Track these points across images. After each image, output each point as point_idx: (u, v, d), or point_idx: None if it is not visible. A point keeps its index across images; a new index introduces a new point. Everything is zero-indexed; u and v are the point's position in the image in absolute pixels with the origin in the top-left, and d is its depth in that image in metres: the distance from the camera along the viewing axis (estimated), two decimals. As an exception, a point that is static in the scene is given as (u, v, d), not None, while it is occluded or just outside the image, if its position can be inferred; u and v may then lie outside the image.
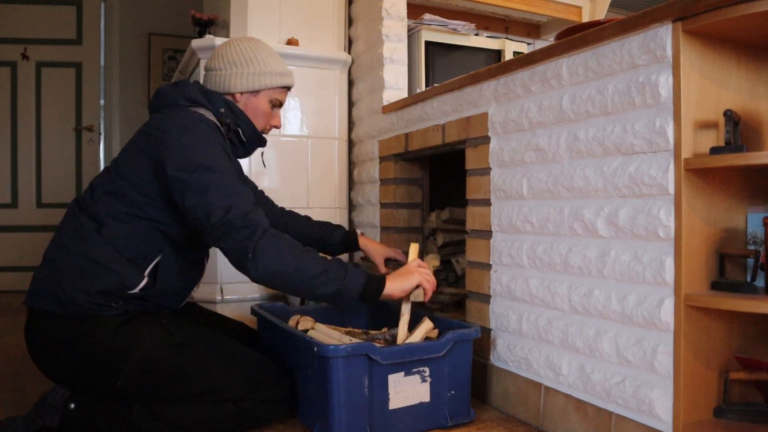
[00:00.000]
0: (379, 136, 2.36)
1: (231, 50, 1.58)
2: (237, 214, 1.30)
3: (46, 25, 3.82)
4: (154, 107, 1.55)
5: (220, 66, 1.58)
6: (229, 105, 1.55)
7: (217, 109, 1.53)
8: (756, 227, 1.20)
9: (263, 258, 1.28)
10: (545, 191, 1.47)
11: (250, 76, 1.56)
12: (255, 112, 1.59)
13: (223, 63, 1.58)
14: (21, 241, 3.78)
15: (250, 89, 1.57)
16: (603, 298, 1.30)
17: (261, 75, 1.57)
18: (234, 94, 1.57)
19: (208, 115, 1.50)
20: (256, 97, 1.59)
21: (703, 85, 1.16)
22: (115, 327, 1.37)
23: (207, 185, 1.33)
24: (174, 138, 1.39)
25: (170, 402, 1.36)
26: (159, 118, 1.46)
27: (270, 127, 1.65)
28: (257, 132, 1.61)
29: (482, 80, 1.69)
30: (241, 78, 1.56)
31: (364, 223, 2.51)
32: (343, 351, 1.32)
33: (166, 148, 1.38)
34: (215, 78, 1.58)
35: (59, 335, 1.37)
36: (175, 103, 1.50)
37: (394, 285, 1.41)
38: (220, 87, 1.57)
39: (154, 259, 1.43)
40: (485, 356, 1.68)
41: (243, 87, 1.57)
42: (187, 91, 1.52)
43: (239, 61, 1.57)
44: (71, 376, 1.39)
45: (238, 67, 1.56)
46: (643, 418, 1.21)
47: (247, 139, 1.60)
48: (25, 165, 3.84)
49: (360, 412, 1.35)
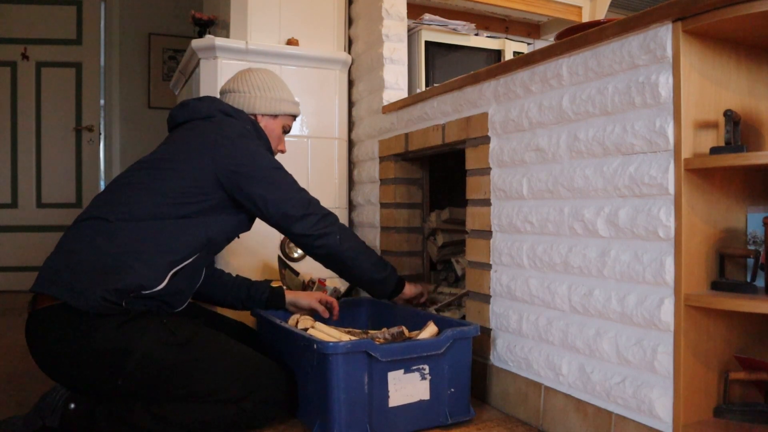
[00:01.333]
0: (379, 136, 2.36)
1: (253, 76, 1.74)
2: (317, 206, 1.60)
3: (46, 25, 3.82)
4: (182, 118, 1.64)
5: (243, 89, 1.73)
6: (253, 123, 1.70)
7: (244, 126, 1.64)
8: (756, 227, 1.20)
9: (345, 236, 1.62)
10: (545, 191, 1.47)
11: (273, 100, 1.73)
12: (271, 135, 1.74)
13: (247, 86, 1.73)
14: (21, 241, 3.78)
15: (271, 112, 1.73)
16: (603, 298, 1.31)
17: (281, 101, 1.74)
18: (257, 115, 1.72)
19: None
20: (275, 120, 1.75)
21: (703, 85, 1.16)
22: (117, 325, 1.37)
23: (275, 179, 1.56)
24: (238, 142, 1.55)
25: (170, 402, 1.36)
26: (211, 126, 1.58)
27: (277, 151, 1.79)
28: (272, 153, 1.74)
29: (482, 80, 1.69)
30: (265, 101, 1.72)
31: (364, 223, 2.51)
32: (343, 348, 1.32)
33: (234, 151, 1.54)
34: (239, 99, 1.72)
35: (61, 332, 1.37)
36: (210, 115, 1.62)
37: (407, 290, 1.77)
38: (244, 107, 1.71)
39: (186, 261, 1.47)
40: (485, 356, 1.68)
41: (266, 110, 1.72)
42: (219, 104, 1.66)
43: (263, 86, 1.73)
44: (71, 373, 1.39)
45: (262, 91, 1.72)
46: (643, 418, 1.21)
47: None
48: (25, 165, 3.84)
49: (360, 410, 1.35)
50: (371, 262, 1.66)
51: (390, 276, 1.71)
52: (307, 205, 1.58)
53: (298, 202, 1.57)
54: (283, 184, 1.58)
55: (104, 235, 1.42)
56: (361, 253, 1.65)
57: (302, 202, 1.57)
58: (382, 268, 1.69)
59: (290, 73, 2.43)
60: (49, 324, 1.38)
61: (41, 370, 1.44)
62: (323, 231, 1.57)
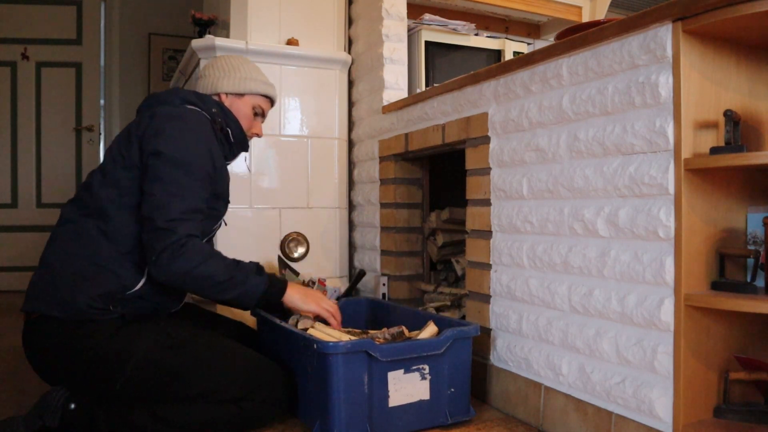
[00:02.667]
0: (379, 136, 2.36)
1: (220, 60, 1.69)
2: (163, 214, 1.36)
3: (46, 25, 3.82)
4: (145, 107, 1.58)
5: (209, 72, 1.68)
6: (220, 105, 1.62)
7: (209, 109, 1.58)
8: (756, 227, 1.20)
9: (163, 266, 1.34)
10: (545, 191, 1.47)
11: (236, 79, 1.65)
12: (238, 114, 1.65)
13: (212, 70, 1.68)
14: (21, 241, 3.78)
15: (235, 91, 1.65)
16: (603, 298, 1.31)
17: (246, 80, 1.66)
18: (220, 94, 1.65)
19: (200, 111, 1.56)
20: (241, 99, 1.66)
21: (703, 85, 1.16)
22: (112, 331, 1.37)
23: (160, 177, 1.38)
24: (162, 125, 1.43)
25: (170, 403, 1.35)
26: (152, 111, 1.50)
27: (251, 134, 1.71)
28: (244, 134, 1.66)
29: (482, 80, 1.69)
30: (228, 80, 1.65)
31: (364, 223, 2.51)
32: (343, 348, 1.32)
33: (155, 134, 1.42)
34: (204, 82, 1.67)
35: (56, 340, 1.37)
36: (170, 102, 1.55)
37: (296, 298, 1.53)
38: (208, 89, 1.65)
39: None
40: (485, 356, 1.68)
41: (229, 88, 1.64)
42: (182, 92, 1.59)
43: (228, 67, 1.67)
44: (69, 380, 1.39)
45: (226, 72, 1.66)
46: (643, 418, 1.21)
47: (235, 140, 1.64)
48: (25, 165, 3.84)
49: (360, 410, 1.35)
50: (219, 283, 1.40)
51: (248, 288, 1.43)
52: (156, 208, 1.36)
53: (154, 200, 1.37)
54: (172, 184, 1.38)
55: (74, 240, 1.42)
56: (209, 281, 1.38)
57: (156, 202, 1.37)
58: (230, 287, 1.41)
59: (290, 73, 2.43)
60: (45, 332, 1.38)
61: (40, 377, 1.44)
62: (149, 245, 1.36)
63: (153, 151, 1.40)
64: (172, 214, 1.36)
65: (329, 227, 2.51)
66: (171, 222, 1.35)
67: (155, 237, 1.35)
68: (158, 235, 1.34)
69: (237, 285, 1.42)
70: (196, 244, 1.38)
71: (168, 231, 1.34)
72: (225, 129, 1.61)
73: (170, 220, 1.35)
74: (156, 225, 1.34)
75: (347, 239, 2.61)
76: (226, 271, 1.40)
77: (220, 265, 1.40)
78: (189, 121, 1.48)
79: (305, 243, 2.40)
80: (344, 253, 2.58)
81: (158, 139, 1.41)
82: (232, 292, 1.42)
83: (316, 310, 1.55)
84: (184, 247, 1.35)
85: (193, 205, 1.40)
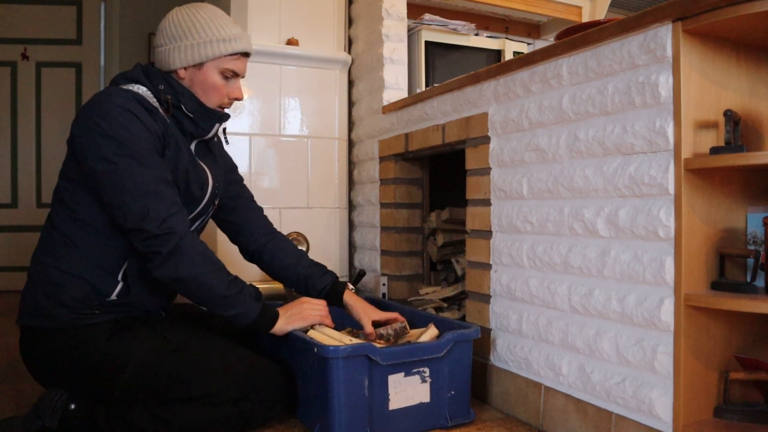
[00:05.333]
0: (379, 136, 2.36)
1: (169, 23, 1.43)
2: (153, 220, 1.29)
3: (46, 25, 3.82)
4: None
5: (160, 42, 1.44)
6: (168, 80, 1.42)
7: (156, 86, 1.41)
8: (756, 227, 1.20)
9: (171, 266, 1.30)
10: (545, 191, 1.47)
11: (188, 48, 1.40)
12: (204, 87, 1.44)
13: (163, 38, 1.43)
14: (21, 241, 3.78)
15: (191, 63, 1.41)
16: (603, 298, 1.30)
17: (201, 45, 1.40)
18: (177, 71, 1.43)
19: (141, 91, 1.39)
20: (201, 70, 1.42)
21: (703, 85, 1.15)
22: (108, 336, 1.37)
23: (122, 182, 1.29)
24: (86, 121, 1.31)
25: (170, 404, 1.35)
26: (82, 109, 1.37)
27: (229, 100, 1.49)
28: (204, 106, 1.45)
29: (482, 80, 1.69)
30: (179, 52, 1.40)
31: (364, 223, 2.51)
32: (343, 351, 1.32)
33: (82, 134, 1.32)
34: (158, 56, 1.44)
35: (52, 349, 1.37)
36: (115, 83, 1.42)
37: (284, 326, 1.46)
38: (163, 66, 1.43)
39: (124, 262, 1.41)
40: (485, 356, 1.68)
41: (183, 62, 1.41)
42: (130, 71, 1.44)
43: (177, 34, 1.41)
44: (69, 387, 1.39)
45: (176, 41, 1.41)
46: (643, 418, 1.21)
47: (194, 114, 1.44)
48: (25, 165, 3.84)
49: (360, 413, 1.35)
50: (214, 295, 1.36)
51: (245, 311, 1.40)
52: (142, 217, 1.29)
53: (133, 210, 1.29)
54: (139, 185, 1.29)
55: (43, 249, 1.41)
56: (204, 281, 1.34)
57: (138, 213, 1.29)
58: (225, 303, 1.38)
59: (290, 73, 2.43)
60: (41, 342, 1.38)
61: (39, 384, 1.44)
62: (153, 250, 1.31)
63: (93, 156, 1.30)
64: (161, 216, 1.30)
65: (329, 227, 2.51)
66: (164, 224, 1.30)
67: (158, 243, 1.30)
68: (160, 241, 1.29)
69: (236, 306, 1.38)
70: (198, 244, 1.35)
71: (168, 234, 1.30)
72: (176, 104, 1.42)
73: (162, 222, 1.29)
74: (153, 233, 1.29)
75: (347, 239, 2.61)
76: (224, 285, 1.36)
77: (224, 280, 1.36)
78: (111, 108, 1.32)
79: (305, 243, 2.40)
80: (344, 253, 2.58)
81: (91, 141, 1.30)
82: (231, 310, 1.38)
83: (303, 326, 1.49)
84: (191, 247, 1.32)
85: (167, 198, 1.32)
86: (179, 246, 1.30)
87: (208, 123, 1.48)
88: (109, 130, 1.29)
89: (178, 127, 1.45)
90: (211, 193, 1.53)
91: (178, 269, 1.31)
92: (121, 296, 1.40)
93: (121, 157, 1.29)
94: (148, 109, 1.36)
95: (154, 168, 1.33)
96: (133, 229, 1.30)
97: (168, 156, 1.40)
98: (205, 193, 1.51)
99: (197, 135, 1.49)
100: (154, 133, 1.35)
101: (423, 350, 1.42)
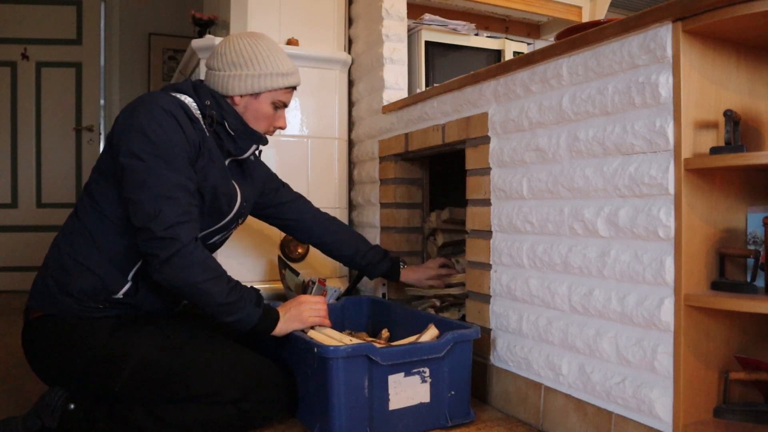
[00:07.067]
0: (379, 136, 2.36)
1: (230, 49, 1.50)
2: (161, 222, 1.29)
3: (46, 25, 3.82)
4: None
5: (219, 66, 1.50)
6: (216, 98, 1.48)
7: (202, 101, 1.47)
8: (756, 227, 1.20)
9: (169, 272, 1.30)
10: (545, 191, 1.47)
11: (249, 78, 1.48)
12: (256, 115, 1.52)
13: (222, 63, 1.49)
14: (21, 241, 3.78)
15: (249, 92, 1.49)
16: (603, 298, 1.30)
17: (261, 77, 1.48)
18: (233, 97, 1.50)
19: (187, 101, 1.45)
20: (257, 99, 1.51)
21: (703, 85, 1.15)
22: (110, 332, 1.37)
23: (144, 180, 1.31)
24: (129, 117, 1.35)
25: (170, 404, 1.35)
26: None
27: (274, 129, 1.58)
28: (247, 126, 1.52)
29: (482, 80, 1.69)
30: (239, 80, 1.48)
31: (364, 223, 2.51)
32: (343, 352, 1.32)
33: (122, 128, 1.35)
34: (214, 79, 1.50)
35: (54, 340, 1.37)
36: (164, 90, 1.48)
37: (284, 328, 1.46)
38: (219, 89, 1.50)
39: (136, 263, 1.41)
40: (485, 356, 1.68)
41: (242, 90, 1.49)
42: (180, 83, 1.51)
43: (238, 63, 1.48)
44: (68, 381, 1.39)
45: (236, 69, 1.48)
46: (643, 418, 1.21)
47: (236, 132, 1.50)
48: (25, 165, 3.84)
49: (360, 413, 1.35)
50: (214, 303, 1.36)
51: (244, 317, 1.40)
52: (151, 217, 1.29)
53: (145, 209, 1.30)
54: (158, 185, 1.31)
55: (64, 237, 1.43)
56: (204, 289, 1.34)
57: (149, 211, 1.30)
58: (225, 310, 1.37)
59: (290, 73, 2.43)
60: (43, 333, 1.38)
61: (39, 379, 1.44)
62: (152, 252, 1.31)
63: (126, 151, 1.32)
64: (170, 221, 1.29)
65: (329, 227, 2.51)
66: (170, 229, 1.29)
67: (158, 245, 1.29)
68: (161, 244, 1.29)
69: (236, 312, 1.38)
70: (200, 254, 1.34)
71: (170, 240, 1.29)
72: (221, 120, 1.48)
73: (169, 227, 1.29)
74: (156, 235, 1.29)
75: (347, 239, 2.61)
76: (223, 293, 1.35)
77: (224, 288, 1.35)
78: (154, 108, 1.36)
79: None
80: (344, 253, 2.57)
81: (128, 137, 1.33)
82: (231, 317, 1.37)
83: (300, 327, 1.49)
84: (191, 256, 1.31)
85: (182, 206, 1.33)
86: (179, 254, 1.30)
87: (247, 143, 1.54)
88: (147, 128, 1.33)
89: (217, 143, 1.50)
90: (237, 212, 1.57)
91: (175, 276, 1.31)
92: (127, 296, 1.41)
93: (152, 156, 1.32)
94: (190, 117, 1.41)
95: (180, 174, 1.34)
96: (140, 227, 1.31)
97: (199, 166, 1.43)
98: (231, 210, 1.55)
99: (234, 153, 1.54)
100: (191, 140, 1.39)
101: (423, 350, 1.42)
